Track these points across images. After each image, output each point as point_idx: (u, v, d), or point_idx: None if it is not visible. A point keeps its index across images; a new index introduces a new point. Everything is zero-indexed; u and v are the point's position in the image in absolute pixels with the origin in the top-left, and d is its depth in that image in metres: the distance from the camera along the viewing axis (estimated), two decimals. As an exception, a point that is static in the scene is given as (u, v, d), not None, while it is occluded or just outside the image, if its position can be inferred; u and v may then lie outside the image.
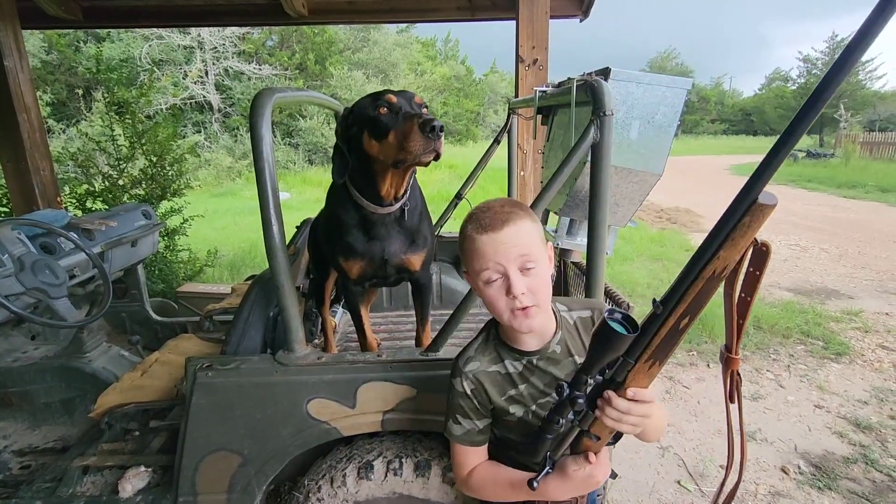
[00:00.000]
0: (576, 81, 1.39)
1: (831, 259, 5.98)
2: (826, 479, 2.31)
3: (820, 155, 17.79)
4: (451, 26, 26.21)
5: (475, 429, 1.06)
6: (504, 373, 1.05)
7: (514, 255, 0.93)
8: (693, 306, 0.71)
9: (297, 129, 15.94)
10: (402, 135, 1.22)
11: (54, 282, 1.77)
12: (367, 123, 1.29)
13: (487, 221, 0.95)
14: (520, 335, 1.02)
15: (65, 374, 2.11)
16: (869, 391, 3.07)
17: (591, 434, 0.87)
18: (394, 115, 1.26)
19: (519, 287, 0.93)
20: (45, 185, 3.58)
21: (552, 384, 1.02)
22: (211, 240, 6.17)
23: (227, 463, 1.38)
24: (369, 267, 1.51)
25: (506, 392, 1.05)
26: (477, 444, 1.07)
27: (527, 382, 1.04)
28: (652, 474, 2.37)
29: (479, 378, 1.04)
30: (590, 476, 0.92)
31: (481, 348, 1.07)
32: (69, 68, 14.21)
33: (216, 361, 1.38)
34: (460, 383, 1.05)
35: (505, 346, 1.05)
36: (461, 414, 1.06)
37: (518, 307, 0.94)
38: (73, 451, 1.80)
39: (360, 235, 1.47)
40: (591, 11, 3.67)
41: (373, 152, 1.31)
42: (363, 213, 1.44)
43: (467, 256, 0.99)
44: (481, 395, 1.05)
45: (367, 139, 1.31)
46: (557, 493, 0.96)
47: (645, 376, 0.78)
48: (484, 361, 1.05)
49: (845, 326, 4.01)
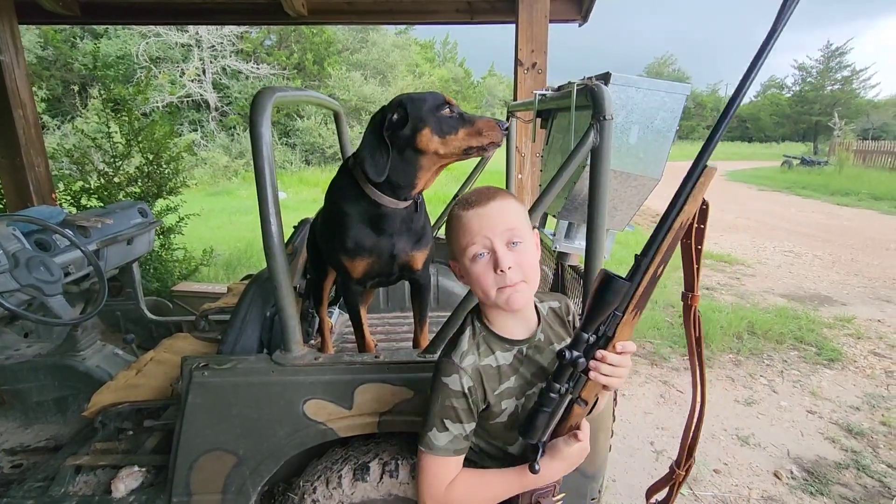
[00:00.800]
0: (576, 86, 1.39)
1: (825, 266, 6.03)
2: (818, 484, 2.33)
3: (814, 162, 17.95)
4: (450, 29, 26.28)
5: (462, 434, 0.99)
6: (495, 366, 1.01)
7: (500, 228, 0.93)
8: (667, 255, 0.86)
9: (294, 128, 15.92)
10: (478, 129, 1.33)
11: (49, 279, 1.75)
12: (430, 122, 1.34)
13: (474, 199, 0.96)
14: (507, 319, 1.01)
15: (58, 373, 2.09)
16: (861, 397, 3.09)
17: (581, 400, 0.91)
18: (457, 115, 1.35)
19: (506, 261, 0.92)
20: (39, 181, 3.56)
21: (539, 374, 1.02)
22: (206, 239, 6.14)
23: (222, 463, 1.37)
24: (376, 264, 1.50)
25: (499, 386, 1.01)
26: (460, 452, 1.00)
27: (517, 373, 1.02)
28: (646, 478, 2.37)
29: (477, 373, 0.99)
30: (582, 448, 0.95)
31: (470, 342, 1.01)
32: (65, 64, 14.11)
33: (212, 361, 1.37)
34: (457, 381, 0.96)
35: (493, 336, 1.01)
36: (451, 418, 0.98)
37: (507, 283, 0.93)
38: (65, 450, 1.79)
39: (369, 231, 1.47)
40: (590, 16, 3.69)
41: (430, 147, 1.35)
42: (376, 208, 1.43)
43: (454, 236, 0.98)
44: (478, 393, 0.99)
45: (427, 136, 1.34)
46: (552, 473, 0.98)
47: (629, 327, 0.87)
48: (477, 355, 1.00)
49: (838, 333, 4.04)
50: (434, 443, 0.98)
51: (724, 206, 10.55)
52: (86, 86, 13.63)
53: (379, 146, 1.35)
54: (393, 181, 1.40)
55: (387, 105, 1.38)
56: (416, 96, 1.37)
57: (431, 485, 0.99)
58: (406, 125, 1.34)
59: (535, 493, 1.02)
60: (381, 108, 1.38)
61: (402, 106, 1.35)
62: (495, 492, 1.01)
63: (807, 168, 17.25)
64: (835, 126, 22.33)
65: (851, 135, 24.63)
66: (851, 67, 32.16)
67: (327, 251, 1.59)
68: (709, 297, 4.86)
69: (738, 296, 4.93)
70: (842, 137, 21.66)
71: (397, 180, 1.40)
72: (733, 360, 3.60)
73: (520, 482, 0.98)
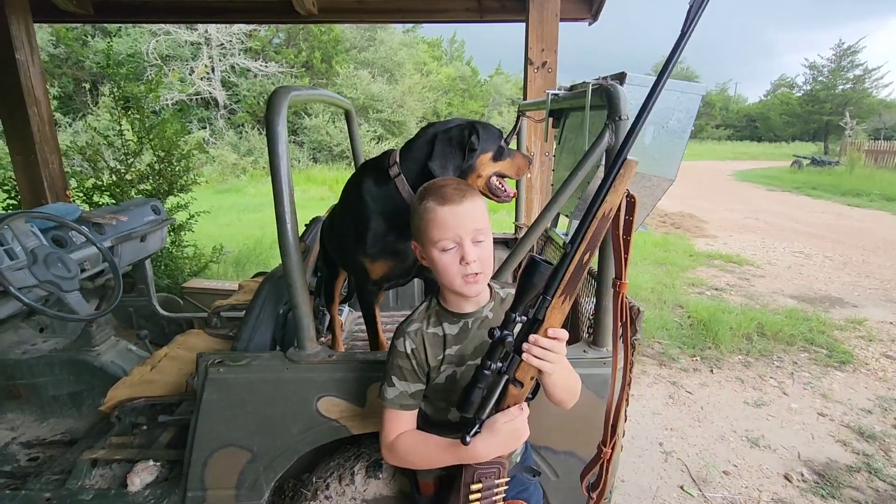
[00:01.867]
0: (591, 85, 1.39)
1: (835, 267, 5.97)
2: (829, 487, 2.31)
3: (825, 162, 17.75)
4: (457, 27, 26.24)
5: (407, 391, 1.11)
6: (441, 335, 1.12)
7: (470, 227, 1.04)
8: (592, 243, 0.92)
9: (301, 127, 15.98)
10: (517, 162, 1.56)
11: (66, 275, 1.78)
12: (492, 149, 1.51)
13: (448, 194, 1.06)
14: (460, 300, 1.12)
15: (73, 368, 2.12)
16: (873, 400, 3.07)
17: (516, 381, 0.98)
18: (507, 148, 1.55)
19: (472, 255, 1.03)
20: (53, 178, 3.60)
21: (481, 349, 1.09)
22: (215, 236, 6.19)
23: (236, 459, 1.39)
24: (398, 267, 1.51)
25: (441, 352, 1.12)
26: (407, 407, 1.12)
27: (460, 344, 1.12)
28: (655, 479, 2.37)
29: (420, 338, 1.12)
30: (516, 430, 1.00)
31: (423, 314, 1.15)
32: (76, 62, 14.26)
33: (227, 357, 1.39)
34: (402, 343, 1.11)
35: (444, 310, 1.14)
36: (397, 375, 1.11)
37: (469, 273, 1.04)
38: (81, 444, 1.82)
39: (395, 234, 1.49)
40: (600, 15, 3.68)
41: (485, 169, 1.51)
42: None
43: (425, 225, 1.07)
44: (420, 356, 1.11)
45: (487, 159, 1.51)
46: (486, 450, 1.02)
47: (559, 312, 0.94)
48: (425, 324, 1.13)
49: (849, 335, 4.00)
50: (385, 395, 1.12)
51: (732, 206, 10.48)
52: (97, 83, 13.77)
53: (455, 155, 1.46)
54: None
55: (464, 125, 1.51)
56: (486, 125, 1.53)
57: (384, 431, 1.14)
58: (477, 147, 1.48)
59: (477, 470, 1.05)
60: (464, 126, 1.50)
61: (476, 130, 1.49)
62: (432, 455, 1.09)
63: (817, 168, 17.06)
64: (846, 126, 22.08)
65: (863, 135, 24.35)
66: (864, 66, 31.77)
67: (344, 252, 1.59)
68: (717, 297, 4.84)
69: (748, 297, 4.90)
70: (853, 137, 21.42)
71: None
72: (742, 361, 3.58)
73: (455, 452, 1.04)
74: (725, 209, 10.03)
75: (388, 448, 1.14)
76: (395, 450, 1.12)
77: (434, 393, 1.15)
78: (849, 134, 21.85)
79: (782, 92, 41.00)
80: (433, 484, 1.21)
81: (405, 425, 1.14)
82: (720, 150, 31.62)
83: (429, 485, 1.21)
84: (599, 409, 1.35)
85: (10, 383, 2.13)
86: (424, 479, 1.21)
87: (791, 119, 37.14)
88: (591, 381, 1.27)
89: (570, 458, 1.36)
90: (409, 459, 1.13)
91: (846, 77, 32.40)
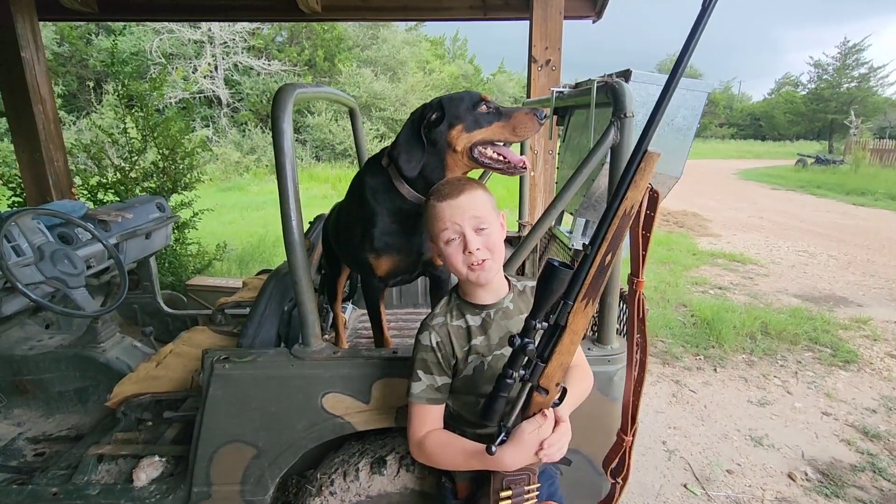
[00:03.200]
0: (596, 83, 1.39)
1: (840, 266, 5.95)
2: (833, 486, 2.31)
3: (829, 161, 17.66)
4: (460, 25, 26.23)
5: (434, 384, 1.13)
6: (465, 326, 1.14)
7: (468, 216, 1.08)
8: (613, 243, 0.90)
9: (304, 125, 15.98)
10: (514, 122, 1.33)
11: (73, 272, 1.79)
12: (466, 119, 1.35)
13: (447, 191, 1.11)
14: (477, 289, 1.14)
15: (79, 364, 2.13)
16: (877, 399, 3.06)
17: (540, 388, 0.96)
18: (495, 110, 1.36)
19: (474, 243, 1.06)
20: (58, 175, 3.62)
21: (506, 338, 1.09)
22: (219, 234, 6.20)
23: (241, 454, 1.40)
24: (403, 263, 1.51)
25: (467, 343, 1.14)
26: (434, 401, 1.13)
27: (484, 334, 1.14)
28: (658, 477, 2.37)
29: (445, 331, 1.13)
30: (545, 439, 0.98)
31: (445, 308, 1.18)
32: (80, 60, 14.29)
33: (233, 354, 1.39)
34: (427, 337, 1.13)
35: (465, 302, 1.16)
36: (423, 369, 1.13)
37: (474, 261, 1.06)
38: (87, 440, 1.83)
39: (399, 230, 1.47)
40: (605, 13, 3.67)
41: (461, 144, 1.36)
42: (408, 207, 1.43)
43: (430, 222, 1.13)
44: (446, 348, 1.13)
45: (458, 132, 1.35)
46: (512, 459, 1.01)
47: (583, 316, 0.92)
48: (448, 317, 1.16)
49: (854, 334, 3.99)
50: (412, 391, 1.14)
51: (736, 205, 10.44)
52: (101, 82, 13.80)
53: (415, 142, 1.37)
54: (427, 179, 1.40)
55: (427, 103, 1.41)
56: (454, 95, 1.39)
57: (412, 427, 1.16)
58: (442, 123, 1.36)
59: (507, 478, 1.05)
60: (422, 106, 1.40)
61: (441, 105, 1.37)
62: (459, 459, 1.10)
63: (822, 167, 16.98)
64: (851, 124, 21.96)
65: (868, 133, 24.20)
66: (869, 65, 31.58)
67: (349, 249, 1.59)
68: (721, 296, 4.82)
69: (752, 296, 4.88)
70: (858, 136, 21.30)
71: (431, 178, 1.40)
72: (746, 360, 3.57)
73: (482, 460, 1.04)
74: (729, 208, 9.99)
75: (417, 445, 1.15)
76: (424, 448, 1.13)
77: (463, 385, 1.15)
78: (853, 132, 21.74)
79: (787, 90, 40.79)
80: (468, 485, 1.20)
81: (433, 421, 1.15)
82: (724, 148, 31.49)
83: (467, 485, 1.20)
84: (604, 407, 1.35)
85: (17, 379, 2.15)
86: (462, 481, 1.19)
87: (795, 118, 36.96)
88: (596, 379, 1.26)
89: (575, 455, 1.36)
90: (436, 459, 1.13)
91: (851, 75, 32.23)
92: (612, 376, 1.36)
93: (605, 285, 0.93)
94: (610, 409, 1.35)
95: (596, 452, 1.38)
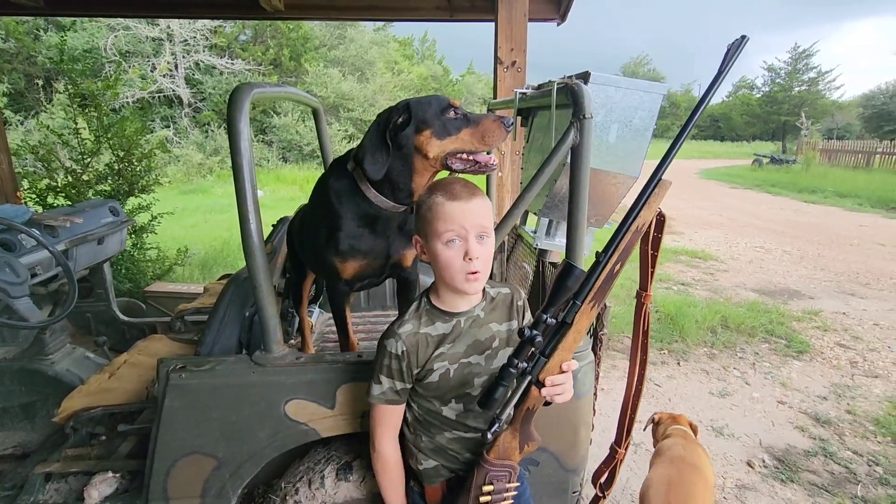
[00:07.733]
0: (556, 84, 1.41)
1: (793, 261, 6.24)
2: (788, 471, 2.41)
3: (783, 161, 18.53)
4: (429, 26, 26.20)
5: (393, 388, 1.13)
6: (434, 334, 1.13)
7: (476, 222, 1.05)
8: (623, 255, 0.99)
9: (270, 126, 15.64)
10: (482, 130, 1.34)
11: (14, 280, 1.69)
12: (433, 124, 1.33)
13: (457, 191, 1.07)
14: (456, 298, 1.13)
15: (25, 377, 2.01)
16: (828, 387, 3.22)
17: (539, 382, 1.00)
18: (462, 117, 1.35)
19: (475, 251, 1.05)
20: (2, 179, 3.42)
21: (474, 346, 1.13)
22: (181, 238, 5.99)
23: (200, 466, 1.34)
24: (370, 266, 1.48)
25: (434, 351, 1.13)
26: (393, 402, 1.14)
27: (452, 343, 1.13)
28: (624, 470, 2.41)
29: (413, 339, 1.12)
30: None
31: (414, 314, 1.15)
32: (27, 57, 13.54)
33: (190, 362, 1.34)
34: (394, 344, 1.11)
35: (436, 309, 1.14)
36: (385, 374, 1.12)
37: (471, 270, 1.05)
38: (34, 458, 1.73)
39: (365, 233, 1.44)
40: (568, 16, 3.73)
41: (430, 149, 1.34)
42: (374, 210, 1.41)
43: (432, 217, 1.07)
44: (411, 357, 1.11)
45: (426, 137, 1.34)
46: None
47: (587, 317, 0.98)
48: (417, 324, 1.14)
49: (806, 325, 4.19)
50: (372, 392, 1.14)
51: (697, 203, 10.81)
52: (50, 80, 13.11)
53: (380, 146, 1.34)
54: (393, 183, 1.38)
55: (394, 106, 1.38)
56: (422, 99, 1.37)
57: (373, 428, 1.18)
58: (409, 127, 1.34)
59: (490, 472, 1.07)
60: (389, 109, 1.38)
61: (408, 108, 1.35)
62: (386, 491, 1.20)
63: (776, 166, 17.79)
64: (802, 126, 23.07)
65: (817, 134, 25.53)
66: (818, 69, 33.36)
67: (314, 253, 1.55)
68: (683, 292, 4.98)
69: (712, 290, 5.06)
70: (808, 137, 22.40)
71: (397, 182, 1.38)
72: (707, 353, 3.70)
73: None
74: (692, 206, 10.34)
75: (376, 450, 1.18)
76: (379, 457, 1.18)
77: (427, 391, 1.15)
78: (804, 133, 22.85)
79: (743, 93, 42.59)
80: (440, 489, 1.21)
81: (392, 420, 1.17)
82: (686, 149, 32.49)
83: (435, 490, 1.21)
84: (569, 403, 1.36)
85: (-44, 396, 2.01)
86: (431, 485, 1.21)
87: (751, 119, 38.65)
88: (561, 377, 1.27)
89: (542, 453, 1.37)
90: (378, 476, 1.19)
91: (802, 79, 33.94)
92: (577, 373, 1.37)
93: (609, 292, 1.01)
94: (576, 405, 1.36)
95: (563, 450, 1.39)
